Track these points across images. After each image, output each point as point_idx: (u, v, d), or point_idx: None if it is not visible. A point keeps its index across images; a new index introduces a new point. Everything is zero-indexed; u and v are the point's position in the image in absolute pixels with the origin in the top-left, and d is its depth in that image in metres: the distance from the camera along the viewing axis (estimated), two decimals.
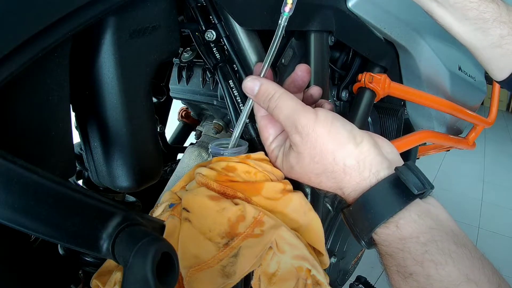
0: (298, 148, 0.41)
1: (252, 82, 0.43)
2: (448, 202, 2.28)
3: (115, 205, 0.35)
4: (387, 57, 0.83)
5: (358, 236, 0.41)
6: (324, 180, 0.42)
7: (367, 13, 0.68)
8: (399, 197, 0.38)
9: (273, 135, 0.46)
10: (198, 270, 0.42)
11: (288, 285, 0.46)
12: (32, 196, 0.29)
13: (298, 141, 0.41)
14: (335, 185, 0.42)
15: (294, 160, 0.43)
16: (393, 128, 0.98)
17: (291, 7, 0.43)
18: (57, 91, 0.37)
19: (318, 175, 0.42)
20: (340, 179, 0.41)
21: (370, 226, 0.39)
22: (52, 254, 0.52)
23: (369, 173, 0.40)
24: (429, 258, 0.35)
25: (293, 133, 0.41)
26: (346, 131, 0.40)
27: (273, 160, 0.46)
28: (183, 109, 1.06)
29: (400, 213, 0.37)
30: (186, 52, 0.76)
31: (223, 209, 0.45)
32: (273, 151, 0.46)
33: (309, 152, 0.40)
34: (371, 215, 0.38)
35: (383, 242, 0.38)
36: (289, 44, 0.67)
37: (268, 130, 0.46)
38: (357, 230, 0.41)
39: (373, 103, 0.80)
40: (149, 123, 0.47)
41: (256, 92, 0.43)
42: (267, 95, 0.42)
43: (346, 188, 0.41)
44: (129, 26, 0.41)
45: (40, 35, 0.31)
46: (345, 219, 0.44)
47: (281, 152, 0.45)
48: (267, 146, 0.46)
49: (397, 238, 0.37)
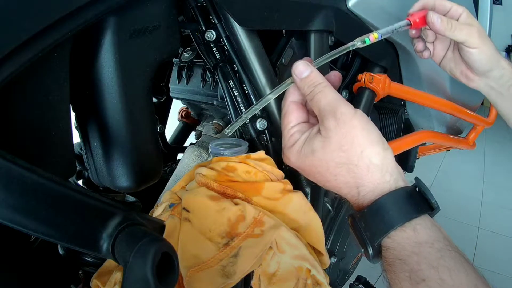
0: (328, 133, 0.41)
1: (304, 66, 0.44)
2: (448, 202, 2.28)
3: (115, 205, 0.35)
4: (387, 57, 0.83)
5: (367, 242, 0.40)
6: (343, 172, 0.41)
7: (367, 13, 0.68)
8: (417, 205, 0.39)
9: (296, 120, 0.46)
10: (198, 270, 0.42)
11: (288, 285, 0.46)
12: (32, 196, 0.29)
13: (331, 126, 0.41)
14: (353, 181, 0.41)
15: (319, 144, 0.42)
16: (393, 128, 0.98)
17: (374, 38, 0.45)
18: (57, 91, 0.37)
19: (338, 165, 0.41)
20: (361, 175, 0.41)
21: (385, 228, 0.39)
22: (52, 254, 0.52)
23: (390, 178, 0.41)
24: (443, 264, 0.35)
25: (330, 117, 0.41)
26: (378, 134, 0.42)
27: (289, 143, 0.45)
28: (183, 109, 1.06)
29: (417, 219, 0.38)
30: (186, 52, 0.76)
31: (223, 209, 0.45)
32: (294, 135, 0.45)
33: (339, 139, 0.41)
34: (388, 217, 0.39)
35: (397, 246, 0.38)
36: (289, 44, 0.67)
37: (294, 115, 0.46)
38: (367, 235, 0.40)
39: (373, 103, 0.80)
40: (149, 123, 0.47)
41: (304, 76, 0.43)
42: (315, 81, 0.43)
43: (364, 187, 0.41)
44: (129, 26, 0.41)
45: (40, 35, 0.31)
46: (353, 225, 0.42)
47: (303, 136, 0.44)
48: (288, 129, 0.46)
49: (414, 241, 0.37)
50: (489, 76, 0.59)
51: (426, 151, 1.26)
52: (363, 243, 0.41)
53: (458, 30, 0.53)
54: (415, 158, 1.09)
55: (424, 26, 0.55)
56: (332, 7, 0.63)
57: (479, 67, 0.57)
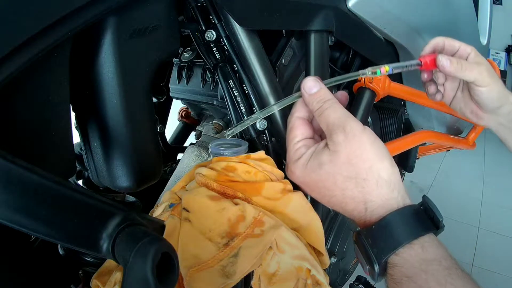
0: (337, 147, 0.41)
1: (314, 82, 0.44)
2: (448, 202, 2.28)
3: (115, 205, 0.35)
4: (387, 57, 0.83)
5: (373, 259, 0.40)
6: (351, 186, 0.41)
7: (367, 13, 0.68)
8: (425, 223, 0.40)
9: (302, 136, 0.46)
10: (198, 270, 0.42)
11: (288, 285, 0.46)
12: (32, 196, 0.29)
13: (340, 140, 0.41)
14: (361, 196, 0.41)
15: (327, 157, 0.42)
16: (393, 128, 0.98)
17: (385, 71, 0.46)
18: (57, 91, 0.37)
19: (347, 179, 0.41)
20: (369, 190, 0.40)
21: (393, 244, 0.38)
22: (52, 254, 0.52)
23: (398, 194, 0.41)
24: (451, 282, 0.36)
25: (339, 132, 0.41)
26: (386, 150, 0.42)
27: (295, 157, 0.45)
28: (183, 109, 1.06)
29: (425, 237, 0.39)
30: (186, 52, 0.76)
31: (223, 209, 0.45)
32: (299, 149, 0.45)
33: (348, 152, 0.41)
34: (397, 233, 0.38)
35: (404, 263, 0.38)
36: (289, 44, 0.67)
37: (299, 130, 0.47)
38: (374, 251, 0.40)
39: (373, 103, 0.80)
40: (149, 123, 0.47)
41: (313, 91, 0.44)
42: (324, 97, 0.44)
43: (372, 202, 0.40)
44: (129, 26, 0.41)
45: (40, 35, 0.31)
46: (359, 241, 0.42)
47: (309, 150, 0.44)
48: (293, 143, 0.46)
49: (421, 259, 0.37)
50: (498, 113, 0.59)
51: (426, 151, 1.25)
52: (369, 260, 0.40)
53: (469, 70, 0.54)
54: (415, 158, 1.09)
55: (435, 68, 0.55)
56: (332, 7, 0.63)
57: (489, 105, 0.57)
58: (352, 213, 0.42)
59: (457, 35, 0.98)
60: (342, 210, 0.43)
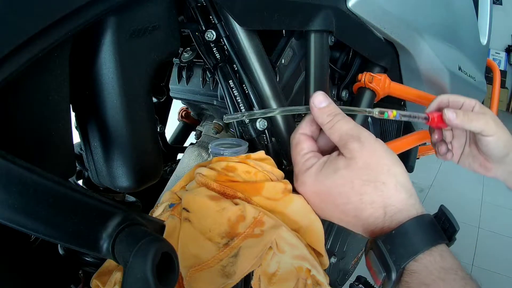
0: (353, 154, 0.41)
1: (324, 97, 0.45)
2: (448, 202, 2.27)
3: (115, 205, 0.35)
4: (387, 57, 0.83)
5: (391, 266, 0.39)
6: (370, 190, 0.40)
7: (367, 13, 0.68)
8: (441, 232, 0.40)
9: (308, 149, 0.46)
10: (198, 270, 0.42)
11: (288, 285, 0.46)
12: (32, 196, 0.29)
13: (356, 147, 0.41)
14: (380, 200, 0.40)
15: (342, 163, 0.41)
16: (393, 128, 0.98)
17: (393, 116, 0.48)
18: (57, 91, 0.37)
19: (365, 183, 0.40)
20: (388, 194, 0.40)
21: (414, 250, 0.38)
22: (52, 254, 0.52)
23: (415, 201, 0.41)
24: None
25: (353, 141, 0.42)
26: (398, 158, 0.43)
27: (305, 167, 0.45)
28: (183, 109, 1.06)
29: (443, 245, 0.39)
30: (186, 52, 0.76)
31: (223, 209, 0.45)
32: (309, 159, 0.46)
33: (366, 158, 0.41)
34: (417, 239, 0.38)
35: (423, 270, 0.37)
36: (289, 44, 0.67)
37: (306, 144, 0.47)
38: (393, 258, 0.39)
39: (373, 103, 0.80)
40: (149, 123, 0.47)
41: (322, 106, 0.45)
42: (333, 111, 0.44)
43: (392, 207, 0.40)
44: (129, 26, 0.41)
45: (40, 35, 0.31)
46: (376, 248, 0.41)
47: (321, 160, 0.44)
48: (302, 155, 0.46)
49: (440, 267, 0.37)
50: (506, 162, 0.59)
51: (426, 151, 1.26)
52: (386, 268, 0.39)
53: (475, 121, 0.54)
54: (415, 158, 1.09)
55: (441, 124, 0.55)
56: (332, 7, 0.63)
57: (498, 154, 0.58)
58: (367, 220, 0.41)
59: (457, 35, 0.99)
60: (354, 219, 0.42)
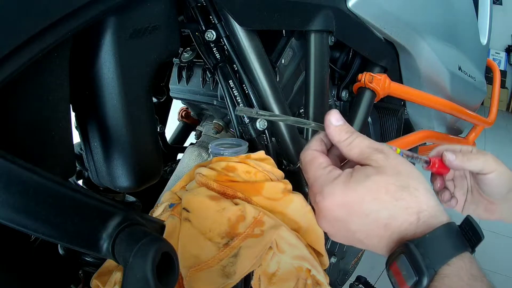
0: (380, 163, 0.42)
1: (340, 115, 0.45)
2: None
3: (115, 205, 0.35)
4: (387, 57, 0.83)
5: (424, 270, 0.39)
6: (405, 195, 0.40)
7: (367, 13, 0.68)
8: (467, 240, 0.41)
9: (327, 163, 0.46)
10: (198, 270, 0.42)
11: (288, 285, 0.46)
12: (32, 196, 0.29)
13: (381, 157, 0.42)
14: (415, 205, 0.40)
15: (372, 171, 0.41)
16: (393, 128, 0.98)
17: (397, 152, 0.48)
18: (57, 91, 0.37)
19: (400, 188, 0.41)
20: (422, 199, 0.41)
21: (449, 253, 0.39)
22: (52, 254, 0.52)
23: (442, 208, 0.41)
24: None
25: (377, 153, 0.42)
26: None
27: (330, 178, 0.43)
28: (183, 109, 1.06)
29: (468, 252, 0.40)
30: (186, 52, 0.76)
31: (223, 209, 0.45)
32: (332, 171, 0.44)
33: (394, 166, 0.41)
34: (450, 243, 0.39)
35: (454, 274, 0.38)
36: (289, 44, 0.67)
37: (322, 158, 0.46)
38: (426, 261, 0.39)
39: (373, 103, 0.80)
40: (149, 123, 0.47)
41: (338, 124, 0.45)
42: (350, 129, 0.45)
43: (425, 212, 0.40)
44: (129, 26, 0.41)
45: (40, 35, 0.31)
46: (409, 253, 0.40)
47: (346, 170, 0.44)
48: (322, 168, 0.45)
49: (470, 273, 0.37)
50: (510, 199, 0.60)
51: (426, 151, 1.26)
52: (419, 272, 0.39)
53: (475, 160, 0.55)
54: None
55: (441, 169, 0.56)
56: (332, 7, 0.63)
57: (501, 191, 0.58)
58: (399, 228, 0.41)
59: (457, 35, 0.99)
60: (383, 230, 0.42)
